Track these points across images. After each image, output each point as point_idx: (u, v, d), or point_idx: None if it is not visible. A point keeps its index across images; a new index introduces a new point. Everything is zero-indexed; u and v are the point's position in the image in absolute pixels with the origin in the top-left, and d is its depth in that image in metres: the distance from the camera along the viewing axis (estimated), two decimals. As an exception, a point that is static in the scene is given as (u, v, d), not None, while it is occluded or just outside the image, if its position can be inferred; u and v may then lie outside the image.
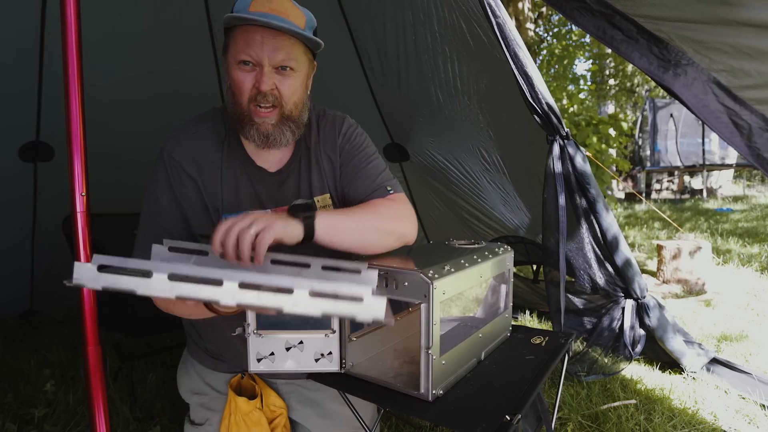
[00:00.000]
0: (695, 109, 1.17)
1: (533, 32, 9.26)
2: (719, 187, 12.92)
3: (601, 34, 1.23)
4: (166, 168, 1.10)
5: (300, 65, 1.06)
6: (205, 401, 1.23)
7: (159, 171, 1.11)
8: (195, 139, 1.12)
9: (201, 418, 1.22)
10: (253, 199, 1.14)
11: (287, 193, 1.16)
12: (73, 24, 1.02)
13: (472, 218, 3.17)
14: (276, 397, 1.20)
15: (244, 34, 1.00)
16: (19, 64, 2.33)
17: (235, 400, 1.13)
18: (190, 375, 1.30)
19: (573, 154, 2.01)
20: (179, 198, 1.12)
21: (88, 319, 1.05)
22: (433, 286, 0.91)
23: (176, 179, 1.11)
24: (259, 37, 0.98)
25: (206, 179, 1.11)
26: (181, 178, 1.11)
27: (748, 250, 5.13)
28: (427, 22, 2.29)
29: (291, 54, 1.02)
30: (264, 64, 1.00)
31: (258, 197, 1.14)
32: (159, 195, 1.11)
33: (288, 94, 1.05)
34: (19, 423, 1.93)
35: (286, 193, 1.16)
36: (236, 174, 1.13)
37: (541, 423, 1.45)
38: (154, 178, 1.12)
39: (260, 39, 0.99)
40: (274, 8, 0.99)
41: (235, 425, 1.12)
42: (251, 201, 1.13)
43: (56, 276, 3.03)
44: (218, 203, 1.12)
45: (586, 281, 2.22)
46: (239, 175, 1.13)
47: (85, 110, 1.06)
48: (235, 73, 1.03)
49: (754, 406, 1.94)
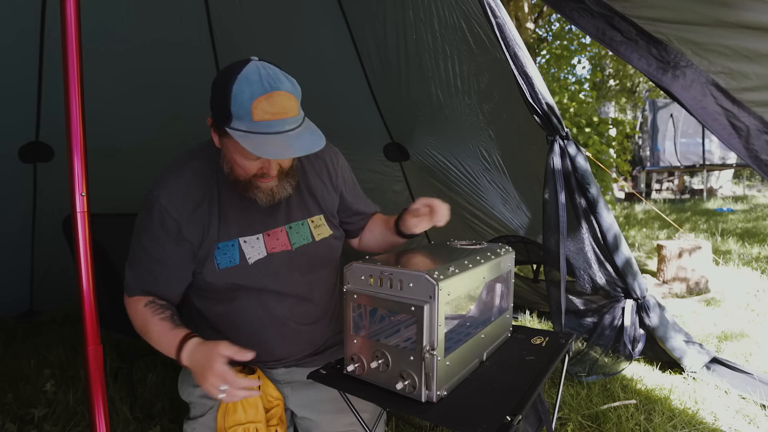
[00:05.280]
0: (693, 110, 1.17)
1: (533, 32, 9.26)
2: (719, 187, 12.92)
3: (601, 36, 1.23)
4: (156, 213, 1.16)
5: None
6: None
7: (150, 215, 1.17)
8: (181, 188, 1.17)
9: (202, 410, 1.25)
10: (244, 227, 1.21)
11: (277, 218, 1.25)
12: (73, 24, 1.02)
13: (473, 218, 3.17)
14: (273, 389, 1.25)
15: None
16: (19, 64, 2.33)
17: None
18: None
19: (573, 154, 2.01)
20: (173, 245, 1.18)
21: (88, 319, 1.05)
22: (438, 287, 0.91)
23: (167, 228, 1.16)
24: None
25: (193, 219, 1.17)
26: (169, 228, 1.16)
27: (748, 250, 5.13)
28: (427, 22, 2.29)
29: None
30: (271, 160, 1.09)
31: (250, 225, 1.22)
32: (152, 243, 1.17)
33: (287, 165, 1.16)
34: (19, 423, 1.93)
35: (276, 218, 1.25)
36: (227, 206, 1.20)
37: (541, 423, 1.45)
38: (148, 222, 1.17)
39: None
40: (276, 113, 1.00)
41: (232, 405, 1.17)
42: (242, 229, 1.21)
43: (56, 276, 3.03)
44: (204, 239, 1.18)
45: (586, 281, 2.22)
46: (228, 209, 1.20)
47: (84, 110, 1.06)
48: (240, 161, 1.09)
49: (755, 406, 1.94)
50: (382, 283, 0.99)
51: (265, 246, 1.22)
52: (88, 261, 1.06)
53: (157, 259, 1.18)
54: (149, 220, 1.17)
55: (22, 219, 2.81)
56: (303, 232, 1.28)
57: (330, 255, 1.35)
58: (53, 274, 3.04)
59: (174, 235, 1.16)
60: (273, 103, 1.00)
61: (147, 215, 1.17)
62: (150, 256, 1.18)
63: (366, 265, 1.02)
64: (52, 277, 3.06)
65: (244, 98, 0.99)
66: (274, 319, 1.25)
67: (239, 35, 2.69)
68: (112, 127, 2.58)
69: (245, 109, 0.99)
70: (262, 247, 1.22)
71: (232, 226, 1.20)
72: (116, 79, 2.54)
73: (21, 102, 2.44)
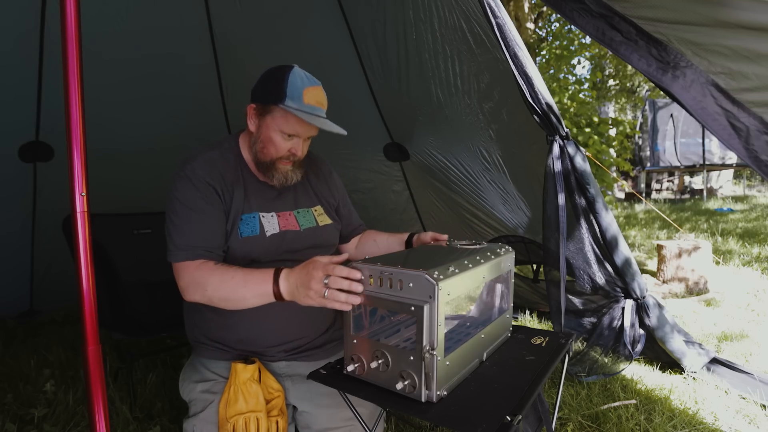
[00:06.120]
0: (693, 111, 1.17)
1: (533, 32, 9.26)
2: (719, 187, 12.92)
3: (601, 36, 1.23)
4: (192, 181, 1.26)
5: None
6: (209, 386, 1.30)
7: (185, 184, 1.26)
8: (210, 162, 1.32)
9: (203, 405, 1.27)
10: (262, 204, 1.38)
11: (285, 202, 1.43)
12: (73, 24, 1.02)
13: (473, 217, 3.17)
14: (274, 381, 1.28)
15: (296, 117, 1.25)
16: (19, 64, 2.33)
17: (235, 368, 1.22)
18: (196, 369, 1.36)
19: (573, 154, 2.01)
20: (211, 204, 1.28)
21: (88, 319, 1.05)
22: (438, 287, 0.91)
23: (204, 190, 1.27)
24: (306, 122, 1.25)
25: (224, 188, 1.31)
26: (205, 190, 1.27)
27: (748, 250, 5.13)
28: (427, 22, 2.29)
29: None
30: (302, 137, 1.32)
31: (266, 204, 1.39)
32: (191, 202, 1.25)
33: (304, 154, 1.38)
34: (18, 423, 1.93)
35: (284, 202, 1.43)
36: (247, 187, 1.36)
37: (541, 423, 1.45)
38: (183, 191, 1.26)
39: (306, 122, 1.26)
40: (319, 101, 1.30)
41: (233, 395, 1.20)
42: (260, 207, 1.37)
43: (56, 276, 3.04)
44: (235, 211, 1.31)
45: (585, 281, 2.22)
46: (249, 188, 1.36)
47: (85, 110, 1.06)
48: (275, 137, 1.30)
49: (755, 407, 1.94)
50: (382, 283, 0.99)
51: (278, 223, 1.37)
52: (88, 261, 1.06)
53: (197, 214, 1.25)
54: (185, 189, 1.25)
55: (22, 219, 2.81)
56: (309, 217, 1.46)
57: (332, 240, 1.52)
58: (53, 274, 3.04)
59: (211, 196, 1.27)
60: (317, 93, 1.29)
61: (182, 186, 1.26)
62: (191, 213, 1.24)
63: (366, 265, 1.02)
64: (52, 277, 3.06)
65: (298, 85, 1.26)
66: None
67: (239, 36, 2.70)
68: (111, 131, 2.59)
69: (298, 93, 1.25)
70: (276, 224, 1.37)
71: (252, 202, 1.35)
72: (116, 84, 2.54)
73: (21, 102, 2.45)
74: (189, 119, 2.96)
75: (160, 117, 2.85)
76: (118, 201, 2.44)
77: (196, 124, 2.98)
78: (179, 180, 1.26)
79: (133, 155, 2.80)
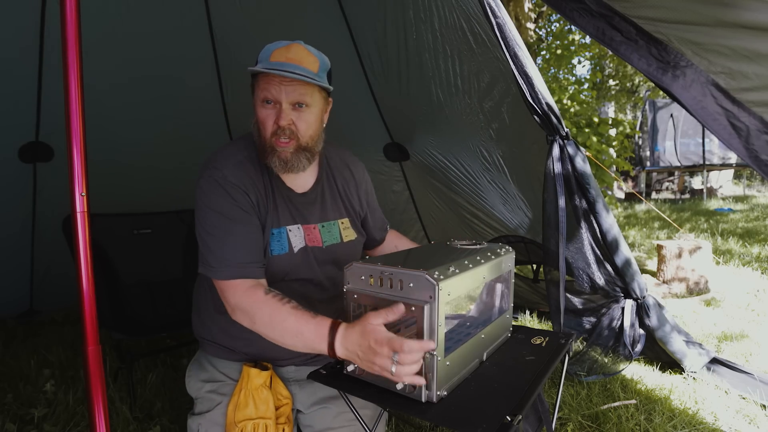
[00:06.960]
0: (693, 110, 1.17)
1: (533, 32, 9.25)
2: (719, 187, 12.91)
3: (601, 36, 1.23)
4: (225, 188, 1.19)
5: (314, 102, 1.21)
6: (216, 387, 1.29)
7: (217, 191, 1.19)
8: (241, 167, 1.24)
9: (210, 405, 1.26)
10: (288, 216, 1.30)
11: (313, 212, 1.34)
12: (73, 24, 1.02)
13: (473, 217, 3.17)
14: (283, 387, 1.27)
15: (265, 78, 1.17)
16: (19, 64, 2.33)
17: (248, 372, 1.20)
18: (204, 367, 1.35)
19: (573, 154, 2.01)
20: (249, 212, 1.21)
21: (88, 319, 1.05)
22: (438, 287, 0.91)
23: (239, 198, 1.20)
24: (277, 81, 1.16)
25: (261, 202, 1.25)
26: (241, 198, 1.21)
27: (749, 250, 5.13)
28: (427, 22, 2.29)
29: (304, 93, 1.18)
30: (282, 102, 1.17)
31: (291, 215, 1.30)
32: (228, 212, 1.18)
33: (303, 128, 1.21)
34: (18, 423, 1.93)
35: (312, 212, 1.34)
36: (275, 195, 1.28)
37: (541, 423, 1.45)
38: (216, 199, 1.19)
39: (278, 82, 1.16)
40: (291, 57, 1.17)
41: (244, 399, 1.18)
42: (287, 218, 1.29)
43: (56, 276, 3.03)
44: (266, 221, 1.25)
45: (585, 281, 2.22)
46: (277, 196, 1.29)
47: (84, 110, 1.06)
48: (259, 111, 1.20)
49: (755, 407, 1.94)
50: (382, 283, 0.99)
51: (304, 237, 1.31)
52: (88, 261, 1.06)
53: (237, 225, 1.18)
54: (218, 197, 1.18)
55: (22, 219, 2.81)
56: (333, 231, 1.38)
57: (352, 257, 1.43)
58: (53, 274, 3.04)
59: (247, 205, 1.21)
60: (290, 50, 1.18)
61: (214, 194, 1.19)
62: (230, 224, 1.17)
63: (366, 265, 1.02)
64: (51, 277, 3.06)
65: (269, 48, 1.18)
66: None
67: (239, 36, 2.70)
68: (111, 131, 2.58)
69: (267, 55, 1.17)
70: (302, 238, 1.30)
71: (279, 213, 1.28)
72: (116, 85, 2.54)
73: (21, 102, 2.44)
74: (189, 119, 2.96)
75: (160, 117, 2.85)
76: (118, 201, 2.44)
77: (196, 125, 2.98)
78: (210, 186, 1.19)
79: (133, 155, 2.79)
